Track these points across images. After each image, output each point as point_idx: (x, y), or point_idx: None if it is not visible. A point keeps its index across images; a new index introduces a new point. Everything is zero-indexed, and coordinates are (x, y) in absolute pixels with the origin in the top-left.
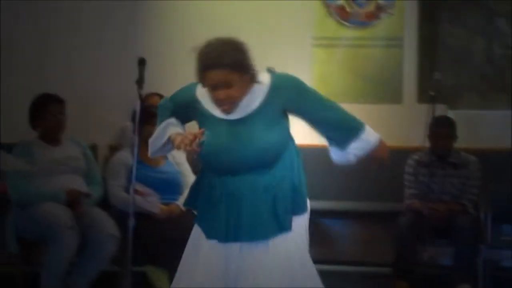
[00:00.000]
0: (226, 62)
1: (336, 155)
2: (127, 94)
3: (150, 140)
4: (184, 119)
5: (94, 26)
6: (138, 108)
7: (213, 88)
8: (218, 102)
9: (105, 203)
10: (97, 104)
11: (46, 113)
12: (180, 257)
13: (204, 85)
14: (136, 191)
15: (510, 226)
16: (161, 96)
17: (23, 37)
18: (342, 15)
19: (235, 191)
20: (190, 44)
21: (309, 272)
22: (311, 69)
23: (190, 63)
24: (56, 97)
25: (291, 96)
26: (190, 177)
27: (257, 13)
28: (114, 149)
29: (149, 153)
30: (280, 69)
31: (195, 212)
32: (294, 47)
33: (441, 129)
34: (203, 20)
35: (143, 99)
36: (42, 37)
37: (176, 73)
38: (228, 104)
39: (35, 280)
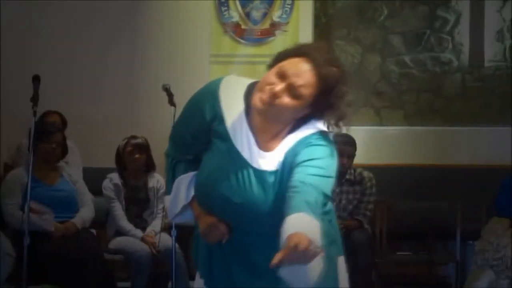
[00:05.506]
0: (319, 63)
1: None
2: (27, 112)
3: (167, 203)
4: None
5: None
6: (32, 125)
7: (278, 76)
8: (266, 93)
9: (0, 222)
10: None
11: None
12: (75, 274)
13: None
14: (31, 209)
15: (408, 241)
16: (60, 115)
17: None
18: (238, 33)
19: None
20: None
21: None
22: None
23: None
24: None
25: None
26: (85, 195)
27: (156, 31)
28: (9, 167)
29: (169, 218)
30: (178, 85)
31: None
32: (192, 64)
33: (342, 147)
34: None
35: (41, 117)
36: None
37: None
38: (270, 100)
39: None
